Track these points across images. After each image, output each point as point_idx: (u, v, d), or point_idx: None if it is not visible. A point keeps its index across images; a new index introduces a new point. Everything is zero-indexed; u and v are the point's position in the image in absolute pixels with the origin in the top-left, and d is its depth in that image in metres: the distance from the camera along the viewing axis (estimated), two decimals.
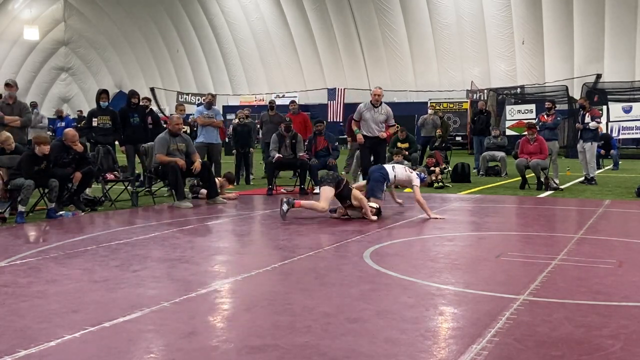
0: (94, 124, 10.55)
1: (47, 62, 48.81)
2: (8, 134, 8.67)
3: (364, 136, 10.79)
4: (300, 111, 15.15)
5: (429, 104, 26.98)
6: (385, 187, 8.59)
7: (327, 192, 7.98)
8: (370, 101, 10.85)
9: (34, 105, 16.65)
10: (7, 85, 9.40)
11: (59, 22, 47.35)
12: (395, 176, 8.62)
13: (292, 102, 15.89)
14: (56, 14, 46.81)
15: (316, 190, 11.24)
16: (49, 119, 18.03)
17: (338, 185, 8.02)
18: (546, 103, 14.35)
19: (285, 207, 7.77)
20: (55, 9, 46.48)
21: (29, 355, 3.09)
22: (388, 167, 8.86)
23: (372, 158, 10.96)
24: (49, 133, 17.71)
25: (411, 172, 8.77)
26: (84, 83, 49.61)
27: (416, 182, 8.52)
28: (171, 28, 43.79)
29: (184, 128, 10.98)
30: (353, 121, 11.17)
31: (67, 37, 48.22)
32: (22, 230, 7.29)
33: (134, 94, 11.76)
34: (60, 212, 8.31)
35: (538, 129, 13.32)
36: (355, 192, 8.04)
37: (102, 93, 10.86)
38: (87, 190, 9.40)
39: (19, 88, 9.82)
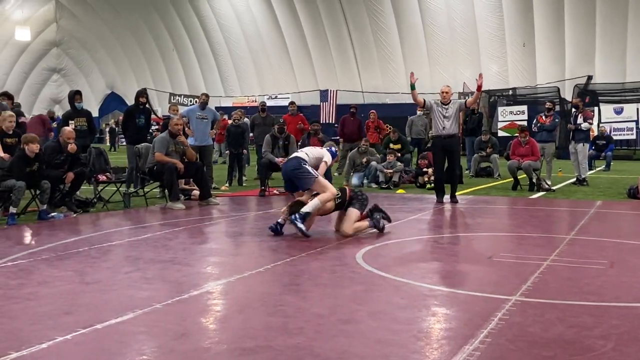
0: (71, 126, 10.38)
1: (38, 63, 48.57)
2: (10, 112, 8.61)
3: (435, 137, 9.93)
4: (298, 112, 15.25)
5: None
6: (310, 170, 7.13)
7: (353, 215, 7.02)
8: (440, 100, 10.00)
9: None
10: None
11: (51, 22, 47.15)
12: (307, 154, 7.42)
13: (292, 103, 15.97)
14: (48, 15, 46.61)
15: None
16: None
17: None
18: (547, 104, 14.35)
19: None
20: (47, 10, 46.28)
21: (21, 358, 3.08)
22: (299, 152, 7.64)
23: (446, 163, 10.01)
24: None
25: (321, 149, 7.82)
26: (76, 84, 49.21)
27: (327, 157, 7.50)
28: (163, 30, 43.69)
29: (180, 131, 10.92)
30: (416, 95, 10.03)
31: (59, 38, 48.02)
32: (13, 232, 7.25)
33: (141, 93, 11.48)
34: (52, 214, 8.27)
35: (536, 130, 13.35)
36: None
37: (76, 94, 10.62)
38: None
39: None
